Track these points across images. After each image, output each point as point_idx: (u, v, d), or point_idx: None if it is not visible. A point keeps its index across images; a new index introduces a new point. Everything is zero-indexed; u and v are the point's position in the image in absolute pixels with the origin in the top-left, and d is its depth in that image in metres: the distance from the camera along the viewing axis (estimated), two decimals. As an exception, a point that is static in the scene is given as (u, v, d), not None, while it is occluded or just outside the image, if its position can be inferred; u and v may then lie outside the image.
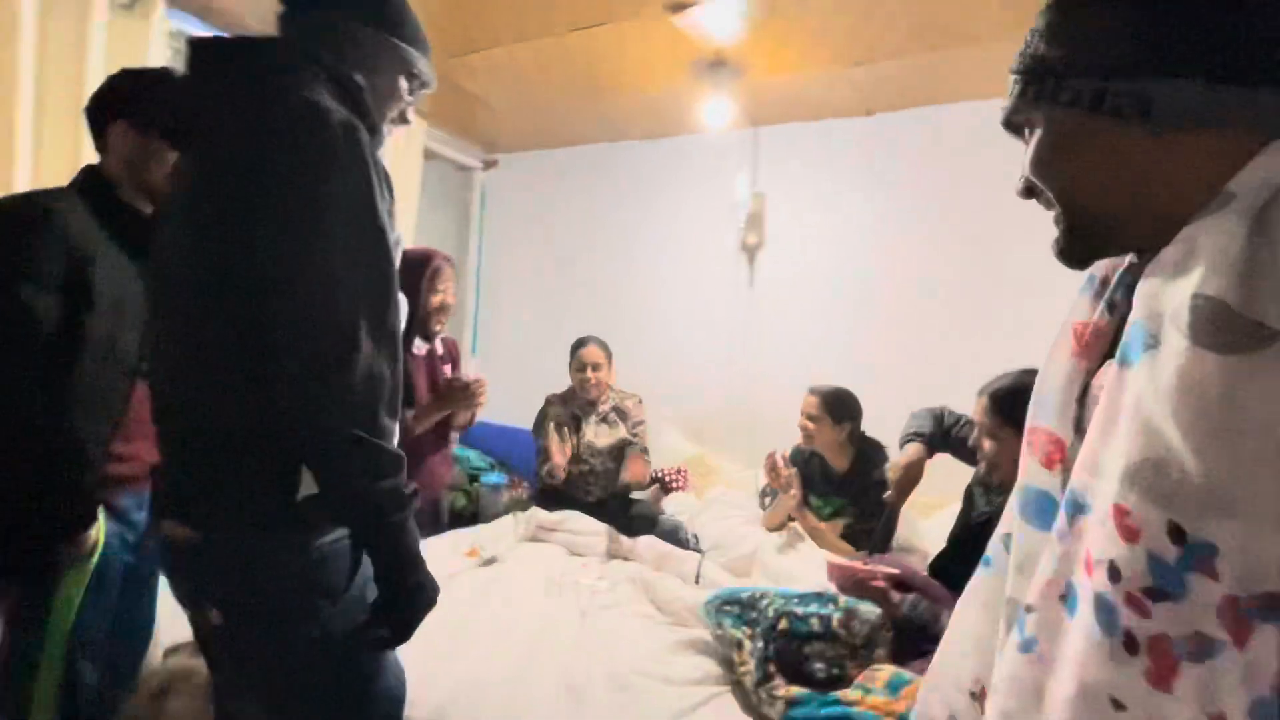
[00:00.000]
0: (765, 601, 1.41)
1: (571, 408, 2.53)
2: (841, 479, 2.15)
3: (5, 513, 1.09)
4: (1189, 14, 0.41)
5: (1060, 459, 0.48)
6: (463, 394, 1.91)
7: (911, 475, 1.79)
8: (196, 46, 0.88)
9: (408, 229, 2.99)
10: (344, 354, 0.75)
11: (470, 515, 2.72)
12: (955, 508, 2.42)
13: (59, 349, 1.10)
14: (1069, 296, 0.53)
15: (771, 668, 1.30)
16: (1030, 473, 0.51)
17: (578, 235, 3.43)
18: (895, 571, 1.55)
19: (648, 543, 2.08)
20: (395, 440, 0.83)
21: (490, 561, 1.94)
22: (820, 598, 1.41)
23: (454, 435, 2.15)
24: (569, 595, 1.76)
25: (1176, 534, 0.36)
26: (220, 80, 0.86)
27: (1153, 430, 0.38)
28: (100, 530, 1.16)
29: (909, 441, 1.82)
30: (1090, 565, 0.41)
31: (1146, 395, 0.39)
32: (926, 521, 2.32)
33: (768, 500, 2.65)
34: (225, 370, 0.79)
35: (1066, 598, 0.43)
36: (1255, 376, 0.35)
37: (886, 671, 1.25)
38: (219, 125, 0.83)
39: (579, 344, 2.53)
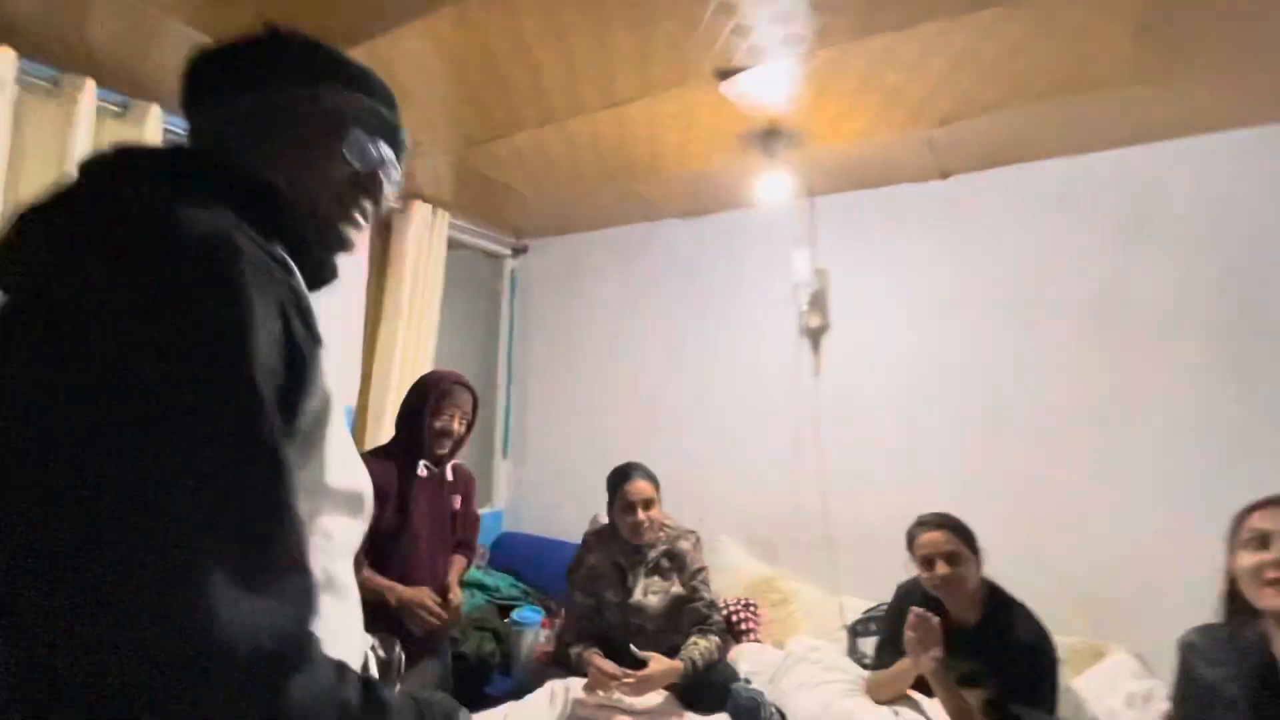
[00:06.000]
0: None
1: (614, 554, 2.02)
2: (975, 632, 1.65)
3: None
4: None
5: None
6: (420, 609, 1.70)
7: None
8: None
9: (431, 325, 2.73)
10: (184, 636, 0.40)
11: (500, 660, 2.31)
12: (1115, 658, 1.90)
13: None
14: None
15: None
16: None
17: (616, 325, 3.13)
18: None
19: (721, 727, 1.62)
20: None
21: (521, 764, 1.53)
22: None
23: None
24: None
25: None
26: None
27: None
28: None
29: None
30: None
31: None
32: (1078, 679, 1.81)
33: (860, 643, 2.16)
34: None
35: None
36: None
37: None
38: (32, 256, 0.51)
39: (622, 477, 2.02)
